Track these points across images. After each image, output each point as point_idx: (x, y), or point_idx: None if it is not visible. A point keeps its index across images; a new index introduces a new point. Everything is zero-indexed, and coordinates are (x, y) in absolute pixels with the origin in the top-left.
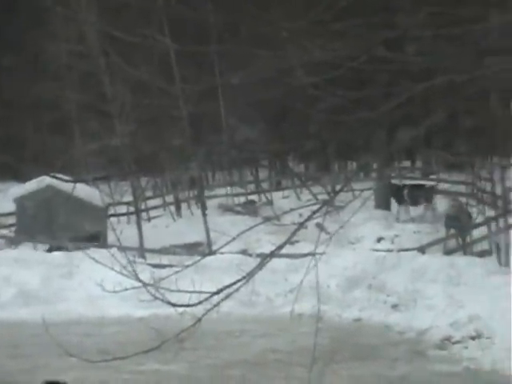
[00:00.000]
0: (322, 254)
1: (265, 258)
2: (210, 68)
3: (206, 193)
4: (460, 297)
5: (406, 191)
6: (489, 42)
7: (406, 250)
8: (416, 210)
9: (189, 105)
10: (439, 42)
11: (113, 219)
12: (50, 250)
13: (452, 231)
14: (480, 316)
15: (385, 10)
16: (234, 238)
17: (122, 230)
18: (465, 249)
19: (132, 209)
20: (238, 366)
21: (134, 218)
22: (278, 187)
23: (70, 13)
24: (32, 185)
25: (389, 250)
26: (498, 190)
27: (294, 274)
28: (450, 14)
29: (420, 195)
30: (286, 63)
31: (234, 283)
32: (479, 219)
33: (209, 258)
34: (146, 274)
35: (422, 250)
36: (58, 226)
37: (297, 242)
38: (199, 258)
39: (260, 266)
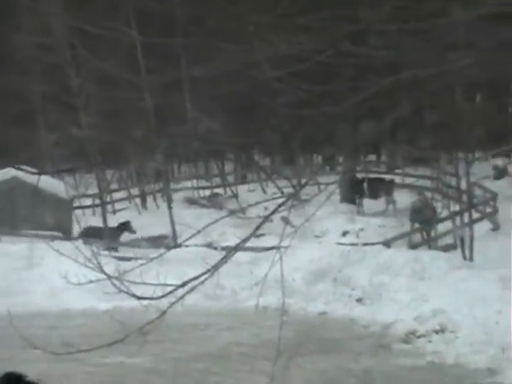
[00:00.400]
0: (287, 247)
1: (230, 251)
2: (176, 60)
3: (172, 186)
4: (424, 291)
5: (365, 184)
6: (453, 36)
7: (371, 243)
8: (376, 204)
9: (154, 97)
10: (403, 37)
11: (78, 211)
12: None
13: (417, 225)
14: (444, 310)
15: (350, 4)
16: (199, 231)
17: (87, 222)
18: (429, 243)
19: (97, 201)
20: (202, 359)
21: (99, 210)
22: (244, 180)
23: (36, 4)
24: None
25: (354, 244)
26: (463, 185)
27: (259, 267)
28: (414, 9)
29: (380, 188)
30: (251, 57)
31: (199, 276)
32: (444, 213)
33: (174, 251)
34: (110, 267)
35: (386, 243)
36: (22, 218)
37: (262, 235)
38: (164, 250)
39: (225, 259)
